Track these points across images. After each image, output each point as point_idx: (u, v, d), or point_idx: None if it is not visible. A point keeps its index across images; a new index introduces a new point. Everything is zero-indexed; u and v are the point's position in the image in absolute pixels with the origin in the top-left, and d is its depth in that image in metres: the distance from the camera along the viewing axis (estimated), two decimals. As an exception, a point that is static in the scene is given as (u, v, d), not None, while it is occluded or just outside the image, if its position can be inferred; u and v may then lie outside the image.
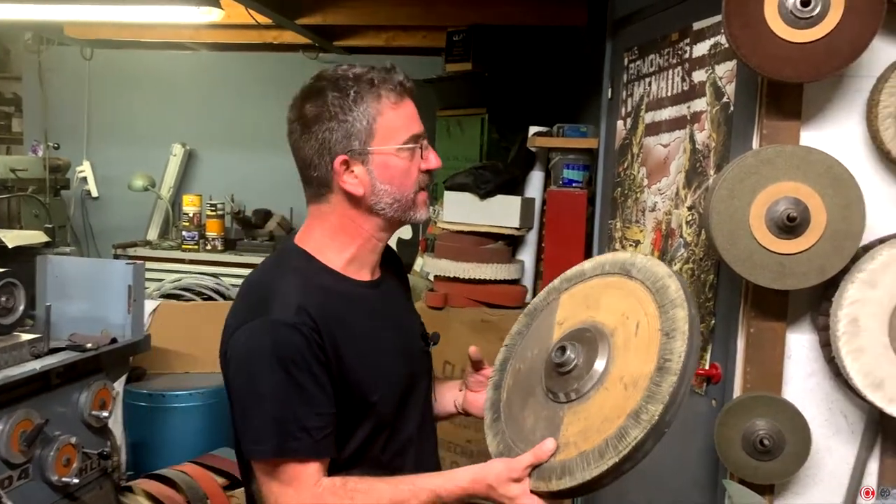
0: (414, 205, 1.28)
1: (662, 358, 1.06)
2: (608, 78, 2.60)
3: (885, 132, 1.57)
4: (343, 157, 1.22)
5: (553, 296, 1.33)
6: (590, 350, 1.15)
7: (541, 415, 1.17)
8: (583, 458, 1.05)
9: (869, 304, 1.52)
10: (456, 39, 3.72)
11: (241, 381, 1.18)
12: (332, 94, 1.22)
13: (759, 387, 1.70)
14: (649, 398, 1.03)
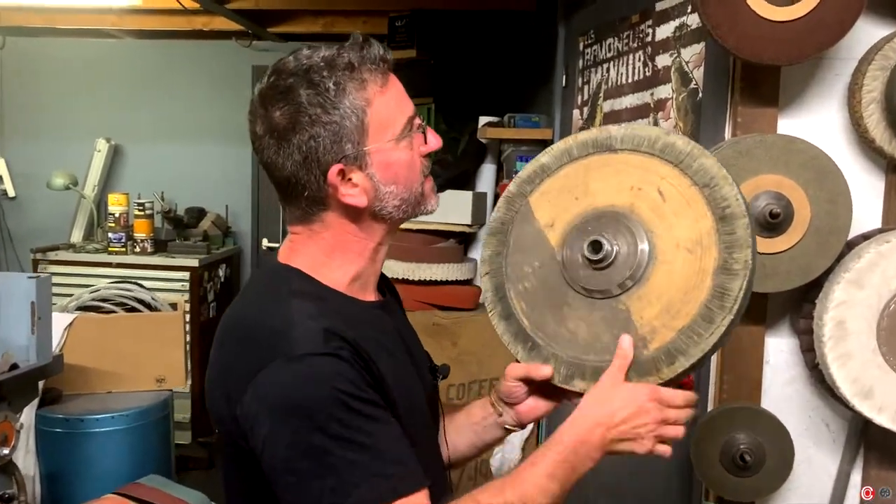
0: (423, 197, 1.06)
1: (718, 207, 0.99)
2: (562, 64, 2.45)
3: (869, 118, 1.45)
4: (338, 166, 0.98)
5: (517, 203, 1.14)
6: (620, 232, 1.03)
7: (593, 318, 1.05)
8: (687, 334, 0.98)
9: (856, 305, 1.40)
10: (398, 25, 3.53)
11: (286, 440, 0.90)
12: (306, 91, 0.96)
13: (737, 396, 1.58)
14: (730, 248, 0.97)
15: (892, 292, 1.39)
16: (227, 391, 0.96)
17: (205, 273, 4.19)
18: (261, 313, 1.00)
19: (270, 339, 0.95)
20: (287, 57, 1.00)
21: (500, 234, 1.15)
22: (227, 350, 1.01)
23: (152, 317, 2.42)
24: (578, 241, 1.06)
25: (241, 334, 1.00)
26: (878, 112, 1.44)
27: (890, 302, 1.40)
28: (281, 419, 0.90)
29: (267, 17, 4.05)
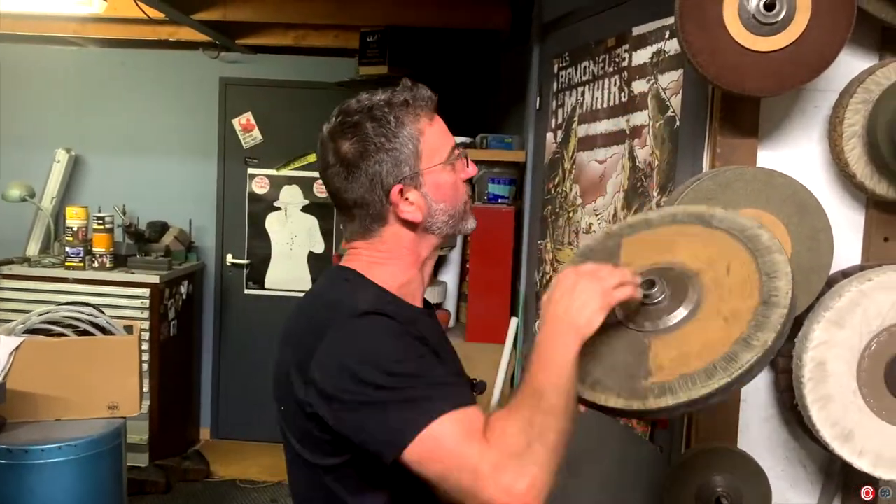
0: (465, 215, 1.24)
1: (767, 294, 1.08)
2: (536, 86, 2.40)
3: (850, 153, 1.41)
4: (398, 186, 1.17)
5: (612, 240, 1.26)
6: (677, 285, 1.13)
7: (618, 344, 1.14)
8: (685, 380, 1.07)
9: (836, 346, 1.36)
10: (370, 41, 3.47)
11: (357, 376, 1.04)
12: (371, 125, 1.16)
13: (713, 435, 1.52)
14: (758, 327, 1.06)
15: (873, 332, 1.35)
16: (300, 366, 1.10)
17: (166, 290, 4.07)
18: (320, 297, 1.20)
19: (332, 306, 1.13)
20: (349, 101, 1.20)
21: (582, 257, 1.26)
22: (294, 339, 1.16)
23: (105, 341, 2.30)
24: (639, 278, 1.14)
25: (305, 320, 1.17)
26: (859, 146, 1.40)
27: (871, 342, 1.35)
28: (345, 372, 1.04)
29: (235, 29, 3.96)
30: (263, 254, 4.69)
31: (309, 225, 4.68)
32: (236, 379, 4.69)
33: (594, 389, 1.11)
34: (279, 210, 4.67)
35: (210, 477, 4.21)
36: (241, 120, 4.62)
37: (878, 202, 1.45)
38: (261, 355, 4.61)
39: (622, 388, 1.09)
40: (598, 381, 1.11)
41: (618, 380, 1.10)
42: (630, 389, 1.09)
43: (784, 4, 1.29)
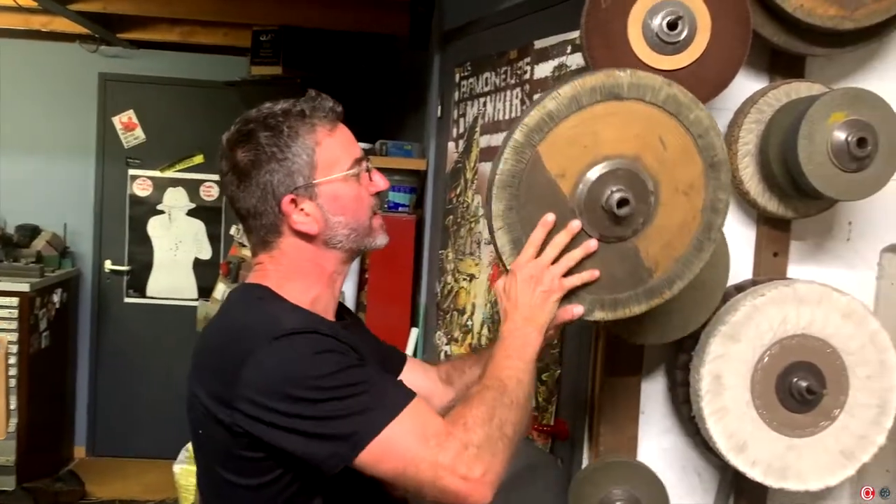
0: (371, 231, 1.23)
1: (708, 155, 1.15)
2: (437, 95, 2.37)
3: (744, 170, 1.45)
4: (290, 196, 1.16)
5: (525, 154, 1.14)
6: (635, 184, 1.14)
7: (607, 258, 1.16)
8: (682, 262, 1.16)
9: (732, 359, 1.39)
10: (263, 40, 3.35)
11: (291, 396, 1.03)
12: (264, 133, 1.15)
13: (614, 448, 1.53)
14: (716, 190, 1.15)
15: (766, 346, 1.40)
16: (221, 393, 1.07)
17: (37, 299, 3.78)
18: (236, 319, 1.15)
19: (251, 329, 1.09)
20: (251, 110, 1.19)
21: (510, 188, 1.15)
22: (210, 364, 1.13)
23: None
24: (593, 194, 1.14)
25: (221, 344, 1.13)
26: (752, 165, 1.45)
27: (763, 355, 1.40)
28: (278, 394, 1.03)
29: (117, 22, 3.73)
30: (145, 260, 4.45)
31: (195, 230, 4.48)
32: (115, 393, 4.43)
33: (615, 309, 1.19)
34: (163, 214, 4.45)
35: (86, 498, 3.96)
36: (122, 118, 4.36)
37: (769, 219, 1.50)
38: (142, 367, 4.38)
39: (638, 294, 1.18)
40: (616, 300, 1.18)
41: (630, 289, 1.18)
42: (645, 292, 1.18)
43: (686, 24, 1.31)
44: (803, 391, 1.38)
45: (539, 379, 1.79)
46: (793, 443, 1.41)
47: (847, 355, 1.40)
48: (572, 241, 1.15)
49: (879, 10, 1.36)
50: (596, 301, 1.18)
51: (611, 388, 1.53)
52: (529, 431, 1.80)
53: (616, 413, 1.53)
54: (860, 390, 1.41)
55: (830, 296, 1.40)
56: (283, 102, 1.18)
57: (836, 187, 1.33)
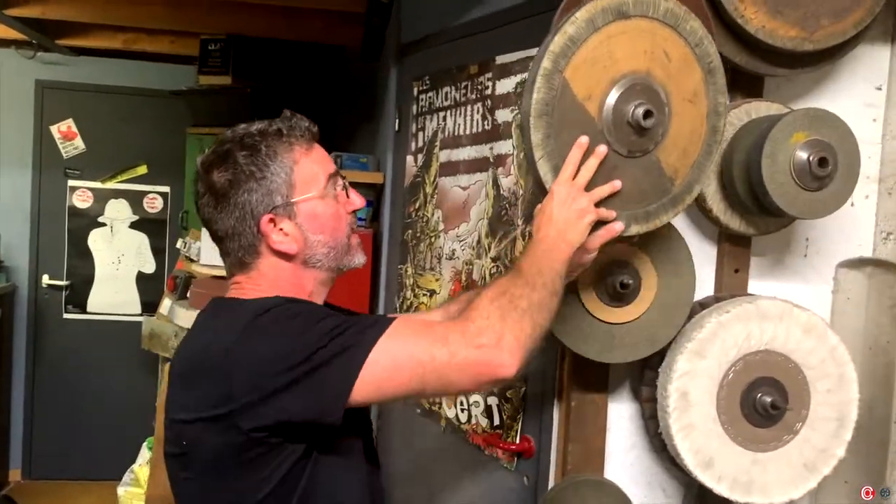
0: (350, 249, 1.22)
1: (705, 63, 1.23)
2: (395, 108, 2.34)
3: (707, 189, 1.47)
4: (268, 215, 1.15)
5: (554, 80, 1.18)
6: (652, 97, 1.20)
7: (634, 173, 1.22)
8: (696, 167, 1.24)
9: (698, 376, 1.40)
10: (212, 49, 3.27)
11: (281, 370, 1.03)
12: (241, 153, 1.15)
13: (581, 465, 1.53)
14: (715, 94, 1.24)
15: (731, 362, 1.41)
16: (214, 411, 1.05)
17: (-32, 316, 3.60)
18: (216, 338, 1.10)
19: (239, 312, 1.10)
20: (227, 131, 1.19)
21: (546, 116, 1.18)
22: (193, 382, 1.10)
23: None
24: (619, 111, 1.19)
25: (200, 360, 1.10)
26: (715, 183, 1.47)
27: (728, 371, 1.41)
28: (269, 376, 1.03)
29: (56, 28, 3.59)
30: (86, 274, 4.29)
31: (138, 243, 4.34)
32: (54, 413, 4.24)
33: (648, 221, 1.25)
34: (104, 226, 4.30)
35: (21, 524, 3.76)
36: (60, 127, 4.20)
37: (730, 236, 1.52)
38: (82, 385, 4.21)
39: (665, 203, 1.25)
40: (647, 213, 1.24)
41: (657, 200, 1.24)
42: (670, 200, 1.25)
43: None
44: (768, 406, 1.40)
45: (504, 396, 1.77)
46: (757, 457, 1.43)
47: (808, 370, 1.43)
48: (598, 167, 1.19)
49: (836, 33, 1.39)
50: (630, 217, 1.24)
51: (578, 406, 1.52)
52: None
53: (583, 430, 1.53)
54: (821, 404, 1.44)
55: (792, 312, 1.42)
56: (259, 123, 1.18)
57: (798, 206, 1.35)
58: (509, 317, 1.06)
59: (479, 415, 1.86)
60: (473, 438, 1.87)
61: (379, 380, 1.05)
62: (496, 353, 1.03)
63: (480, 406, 1.85)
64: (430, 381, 1.05)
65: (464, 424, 1.92)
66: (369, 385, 1.04)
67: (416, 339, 1.06)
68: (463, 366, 1.03)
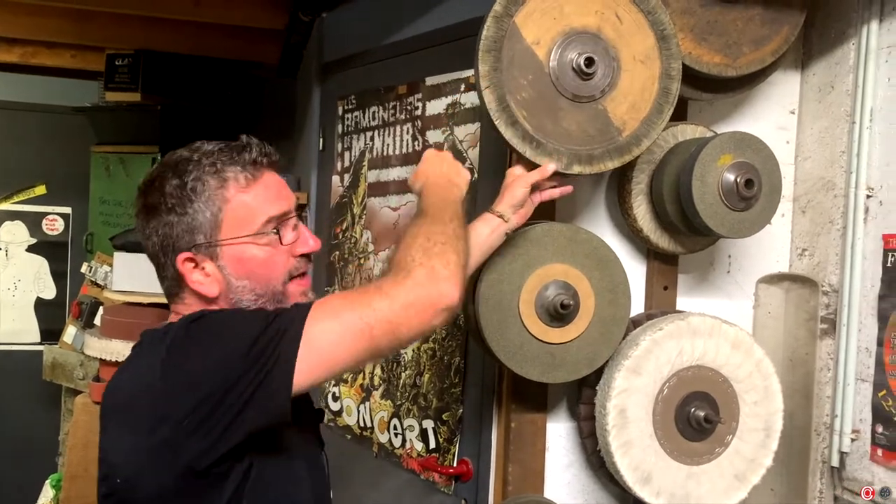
0: (285, 297, 1.09)
1: (658, 29, 1.34)
2: (318, 127, 2.30)
3: (637, 209, 1.51)
4: (186, 254, 1.06)
5: (503, 23, 1.29)
6: (598, 49, 1.30)
7: (581, 117, 1.32)
8: (646, 123, 1.34)
9: (635, 393, 1.43)
10: (119, 64, 3.14)
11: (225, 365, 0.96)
12: (172, 182, 1.06)
13: (521, 486, 1.53)
14: (668, 59, 1.34)
15: (664, 378, 1.45)
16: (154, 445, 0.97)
17: None
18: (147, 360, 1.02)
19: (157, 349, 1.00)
20: (182, 148, 1.10)
21: (493, 52, 1.28)
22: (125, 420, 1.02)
23: None
24: (565, 57, 1.30)
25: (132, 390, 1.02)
26: (644, 203, 1.51)
27: (663, 387, 1.45)
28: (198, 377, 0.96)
29: (-56, 39, 3.36)
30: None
31: (36, 267, 4.09)
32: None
33: (591, 163, 1.33)
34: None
35: None
36: (-51, 144, 3.92)
37: (658, 254, 1.57)
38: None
39: (609, 151, 1.33)
40: (590, 155, 1.33)
41: (601, 146, 1.33)
42: (616, 149, 1.34)
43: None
44: (701, 420, 1.43)
45: (440, 419, 1.76)
46: (692, 471, 1.47)
47: (736, 383, 1.48)
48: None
49: (755, 60, 1.46)
50: (573, 156, 1.32)
51: (518, 426, 1.52)
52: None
53: (523, 450, 1.53)
54: (749, 416, 1.49)
55: (721, 327, 1.47)
56: (210, 145, 1.09)
57: (726, 225, 1.41)
58: (433, 251, 1.04)
59: (413, 438, 1.83)
60: (408, 463, 1.84)
61: (323, 356, 0.98)
62: (434, 285, 1.01)
63: (415, 430, 1.83)
64: (380, 336, 0.99)
65: (398, 449, 1.88)
66: (314, 365, 0.98)
67: (349, 303, 1.01)
68: (407, 307, 0.99)
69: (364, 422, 2.02)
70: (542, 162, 1.31)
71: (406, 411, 1.86)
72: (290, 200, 1.11)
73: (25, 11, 2.94)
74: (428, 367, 1.80)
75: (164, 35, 3.05)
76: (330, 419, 2.19)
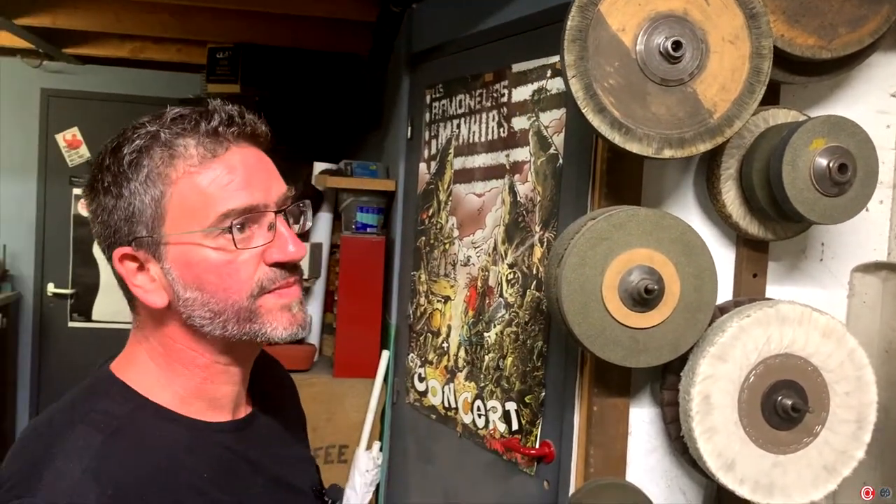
0: (256, 315, 0.83)
1: (747, 8, 1.33)
2: (407, 116, 2.36)
3: (726, 194, 1.49)
4: (123, 249, 0.82)
5: (588, 13, 1.30)
6: (683, 31, 1.30)
7: (670, 101, 1.32)
8: (737, 104, 1.33)
9: (720, 379, 1.42)
10: (220, 57, 3.29)
11: None
12: (110, 154, 0.82)
13: (603, 469, 1.54)
14: (758, 38, 1.33)
15: (751, 365, 1.43)
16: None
17: (-25, 325, 3.60)
18: (41, 431, 0.82)
19: (29, 466, 0.77)
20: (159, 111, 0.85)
21: (578, 41, 1.30)
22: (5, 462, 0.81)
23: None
24: (651, 42, 1.30)
25: (16, 449, 0.81)
26: (734, 189, 1.49)
27: (749, 374, 1.43)
28: None
29: (63, 37, 3.61)
30: (90, 283, 4.29)
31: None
32: (59, 421, 4.23)
33: (682, 147, 1.33)
34: (110, 234, 4.30)
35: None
36: (66, 136, 4.21)
37: (748, 241, 1.54)
38: (89, 394, 4.20)
39: (700, 133, 1.33)
40: (681, 138, 1.32)
41: (692, 129, 1.33)
42: (707, 131, 1.34)
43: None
44: (788, 409, 1.41)
45: (522, 401, 1.79)
46: (778, 459, 1.44)
47: (827, 373, 1.45)
48: None
49: (852, 42, 1.42)
50: (663, 140, 1.32)
51: (600, 410, 1.54)
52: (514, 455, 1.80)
53: (605, 434, 1.54)
54: (840, 406, 1.46)
55: (811, 316, 1.44)
56: (178, 110, 0.84)
57: (817, 211, 1.37)
58: None
59: (496, 420, 1.88)
60: (491, 444, 1.88)
61: None
62: None
63: (498, 411, 1.87)
64: None
65: (481, 430, 1.93)
66: None
67: None
68: None
69: (448, 402, 2.07)
70: (631, 148, 1.31)
71: (489, 393, 1.90)
72: (265, 190, 0.84)
73: (134, 8, 3.13)
74: (511, 351, 1.83)
75: (261, 28, 3.19)
76: (416, 399, 2.26)
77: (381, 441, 2.48)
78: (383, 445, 2.47)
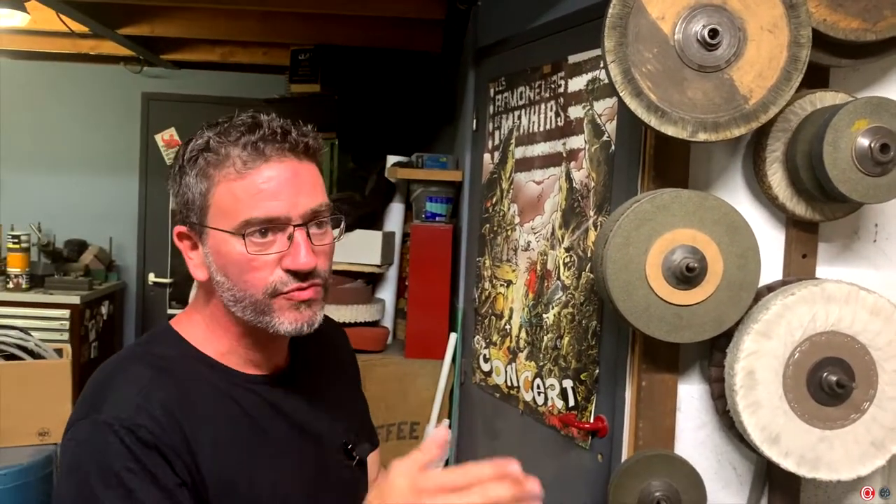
0: (269, 310, 0.97)
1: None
2: (473, 109, 2.47)
3: (773, 176, 1.53)
4: (181, 228, 1.01)
5: (629, 1, 1.36)
6: (721, 19, 1.35)
7: (706, 87, 1.37)
8: (773, 91, 1.37)
9: (764, 355, 1.46)
10: (301, 59, 3.48)
11: (70, 498, 0.91)
12: (183, 149, 1.00)
13: (652, 442, 1.61)
14: (797, 27, 1.36)
15: (796, 342, 1.47)
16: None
17: (87, 311, 3.94)
18: (106, 370, 1.00)
19: (93, 396, 0.96)
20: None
21: (619, 28, 1.36)
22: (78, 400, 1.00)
23: (35, 365, 2.22)
24: (690, 30, 1.35)
25: (86, 387, 0.99)
26: (780, 171, 1.52)
27: (794, 351, 1.47)
28: (65, 478, 0.92)
29: (160, 44, 3.89)
30: (187, 272, 4.54)
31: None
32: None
33: (717, 131, 1.37)
34: (204, 227, 4.59)
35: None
36: (164, 135, 4.53)
37: (797, 222, 1.57)
38: (186, 376, 4.49)
39: (735, 118, 1.37)
40: (716, 123, 1.37)
41: (727, 114, 1.37)
42: (742, 117, 1.38)
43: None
44: (833, 385, 1.44)
45: (578, 379, 1.87)
46: (824, 434, 1.47)
47: (875, 350, 1.47)
48: None
49: (899, 23, 1.43)
50: (698, 124, 1.37)
51: (649, 385, 1.60)
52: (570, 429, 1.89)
53: (654, 409, 1.60)
54: (889, 384, 1.47)
55: (857, 294, 1.46)
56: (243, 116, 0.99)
57: (860, 191, 1.40)
58: None
59: (555, 397, 1.96)
60: (550, 420, 1.97)
61: None
62: None
63: (556, 389, 1.95)
64: None
65: (541, 407, 2.02)
66: None
67: None
68: None
69: (511, 381, 2.17)
70: (666, 130, 1.37)
71: (548, 371, 1.99)
72: (292, 203, 0.95)
73: (224, 15, 3.36)
74: (567, 331, 1.91)
75: (339, 30, 3.36)
76: (481, 379, 2.37)
77: (450, 419, 2.60)
78: (451, 423, 2.59)
